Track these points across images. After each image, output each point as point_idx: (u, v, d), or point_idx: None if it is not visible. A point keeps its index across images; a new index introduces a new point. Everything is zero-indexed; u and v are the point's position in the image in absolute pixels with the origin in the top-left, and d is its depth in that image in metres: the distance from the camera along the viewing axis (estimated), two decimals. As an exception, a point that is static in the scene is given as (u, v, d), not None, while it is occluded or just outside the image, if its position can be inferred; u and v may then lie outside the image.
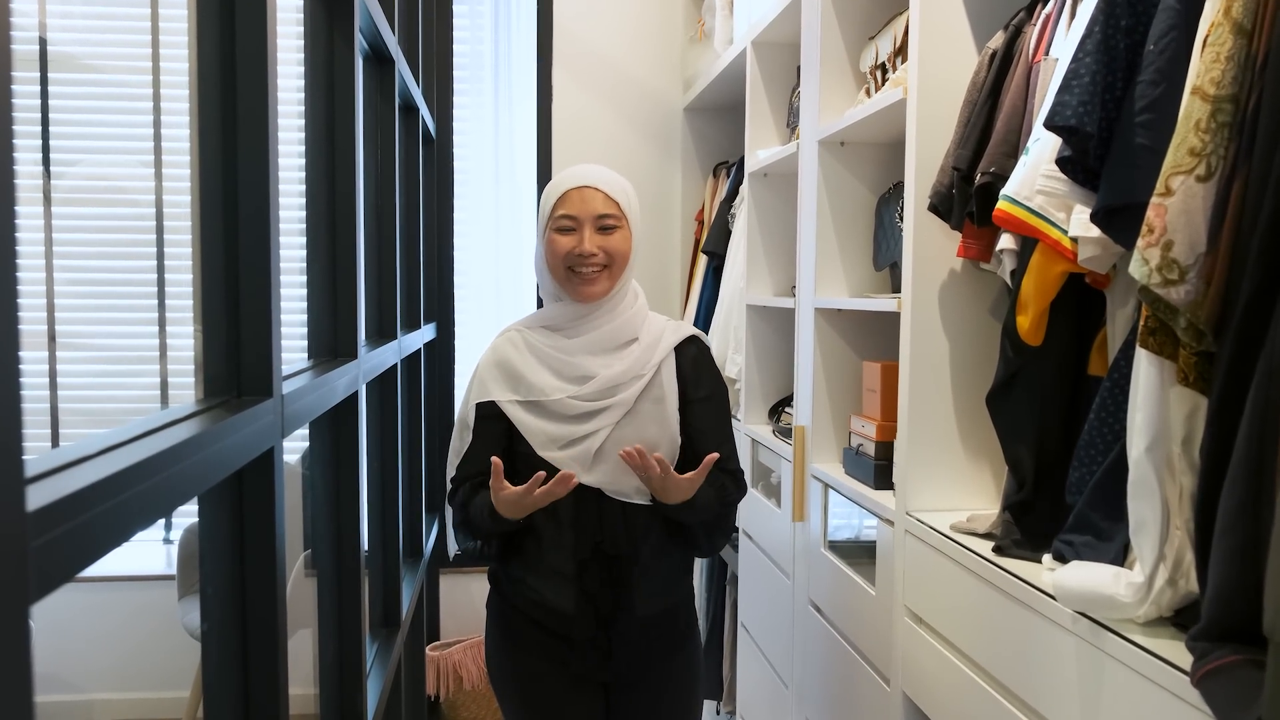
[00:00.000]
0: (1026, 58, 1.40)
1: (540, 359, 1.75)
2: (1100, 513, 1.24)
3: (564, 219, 1.73)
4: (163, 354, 3.58)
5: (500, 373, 1.76)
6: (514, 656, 1.80)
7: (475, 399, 1.77)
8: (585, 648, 1.74)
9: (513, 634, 1.80)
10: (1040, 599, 1.25)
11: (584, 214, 1.72)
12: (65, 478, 0.67)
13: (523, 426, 1.71)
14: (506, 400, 1.73)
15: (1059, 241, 1.25)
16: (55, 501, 0.61)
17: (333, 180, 1.76)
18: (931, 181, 1.60)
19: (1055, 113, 1.12)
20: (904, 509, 1.67)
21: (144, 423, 0.90)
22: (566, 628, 1.73)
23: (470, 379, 1.84)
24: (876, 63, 1.95)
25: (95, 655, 3.38)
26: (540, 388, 1.72)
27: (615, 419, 1.70)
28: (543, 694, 1.77)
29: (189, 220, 1.10)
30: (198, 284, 1.14)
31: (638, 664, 1.78)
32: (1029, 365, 1.35)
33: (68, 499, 0.62)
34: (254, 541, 1.15)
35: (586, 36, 3.55)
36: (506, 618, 1.82)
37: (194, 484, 0.88)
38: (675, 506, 1.67)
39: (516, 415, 1.71)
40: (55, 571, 0.61)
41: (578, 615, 1.72)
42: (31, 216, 3.32)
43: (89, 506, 0.66)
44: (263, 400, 1.13)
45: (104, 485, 0.68)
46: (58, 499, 0.61)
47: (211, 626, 1.09)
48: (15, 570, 0.55)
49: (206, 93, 1.10)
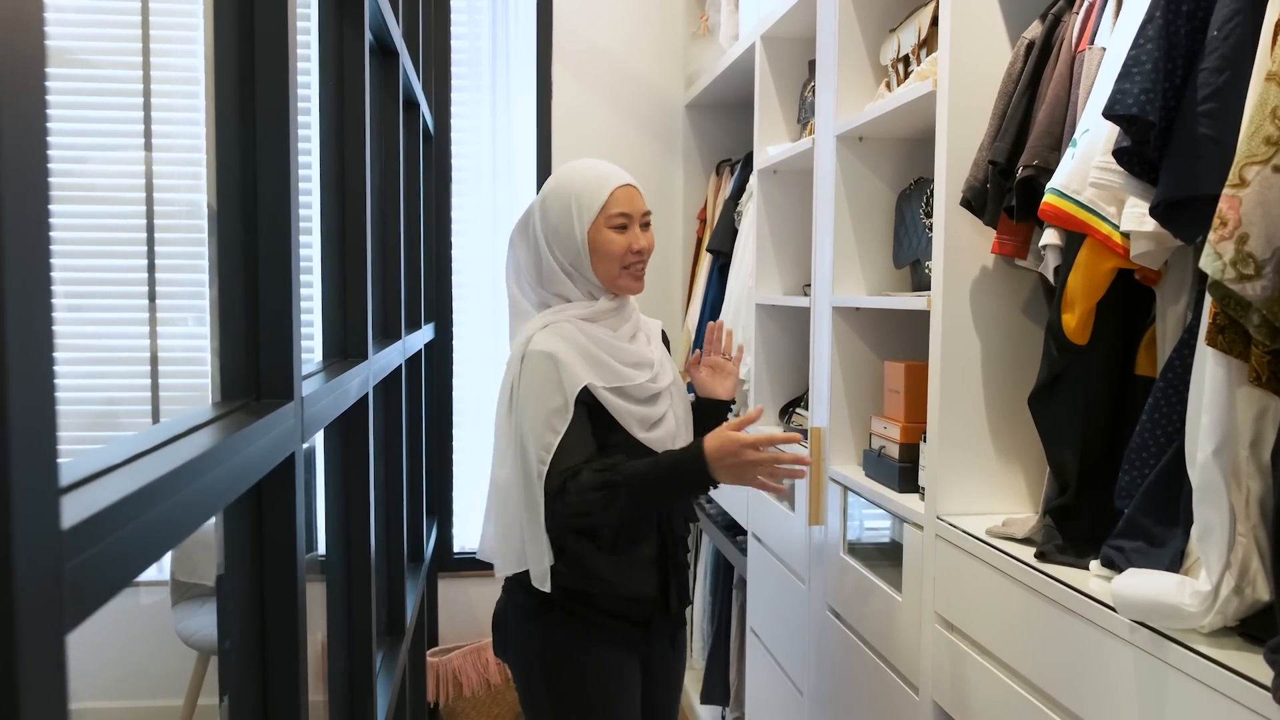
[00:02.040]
0: (1069, 47, 1.35)
1: (602, 347, 1.71)
2: (1152, 518, 1.20)
3: (620, 216, 1.72)
4: (154, 356, 3.50)
5: (582, 359, 1.67)
6: (586, 654, 1.72)
7: (570, 385, 1.63)
8: (663, 628, 1.78)
9: (581, 630, 1.71)
10: (1091, 607, 1.21)
11: (634, 212, 1.73)
12: (97, 488, 0.62)
13: (617, 411, 1.67)
14: (600, 386, 1.67)
15: (1109, 236, 1.20)
16: (93, 515, 0.55)
17: (343, 176, 1.70)
18: (962, 176, 1.56)
19: (1116, 101, 1.08)
20: (934, 513, 1.63)
21: (168, 427, 0.84)
22: (647, 613, 1.74)
23: (532, 372, 1.66)
24: (898, 55, 1.90)
25: (87, 663, 3.30)
26: (621, 373, 1.70)
27: (671, 398, 1.78)
28: (625, 686, 1.74)
29: (176, 218, 1.05)
30: (214, 280, 1.09)
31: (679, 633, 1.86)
32: (1074, 365, 1.31)
33: (104, 512, 0.57)
34: (274, 552, 1.09)
35: (586, 32, 3.50)
36: (570, 613, 1.71)
37: (222, 493, 0.83)
38: (716, 403, 1.88)
39: (610, 400, 1.67)
40: (89, 597, 0.56)
41: (659, 596, 1.75)
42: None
43: (124, 521, 0.60)
44: (283, 403, 1.07)
45: (138, 497, 0.62)
46: (95, 512, 0.55)
47: (232, 642, 1.03)
48: (50, 594, 0.49)
49: (224, 88, 1.05)
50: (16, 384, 0.44)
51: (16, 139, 0.44)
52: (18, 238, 0.44)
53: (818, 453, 2.16)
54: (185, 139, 3.35)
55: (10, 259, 0.43)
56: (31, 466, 0.46)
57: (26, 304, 0.45)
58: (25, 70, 0.45)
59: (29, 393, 0.46)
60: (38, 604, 0.47)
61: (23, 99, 0.45)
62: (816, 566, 2.18)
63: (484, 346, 3.62)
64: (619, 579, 1.70)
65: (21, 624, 0.46)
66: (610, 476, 1.57)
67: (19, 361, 0.44)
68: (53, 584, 0.50)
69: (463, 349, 3.60)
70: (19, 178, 0.45)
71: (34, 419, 0.47)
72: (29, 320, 0.46)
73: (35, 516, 0.47)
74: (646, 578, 1.73)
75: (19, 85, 0.45)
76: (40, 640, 0.48)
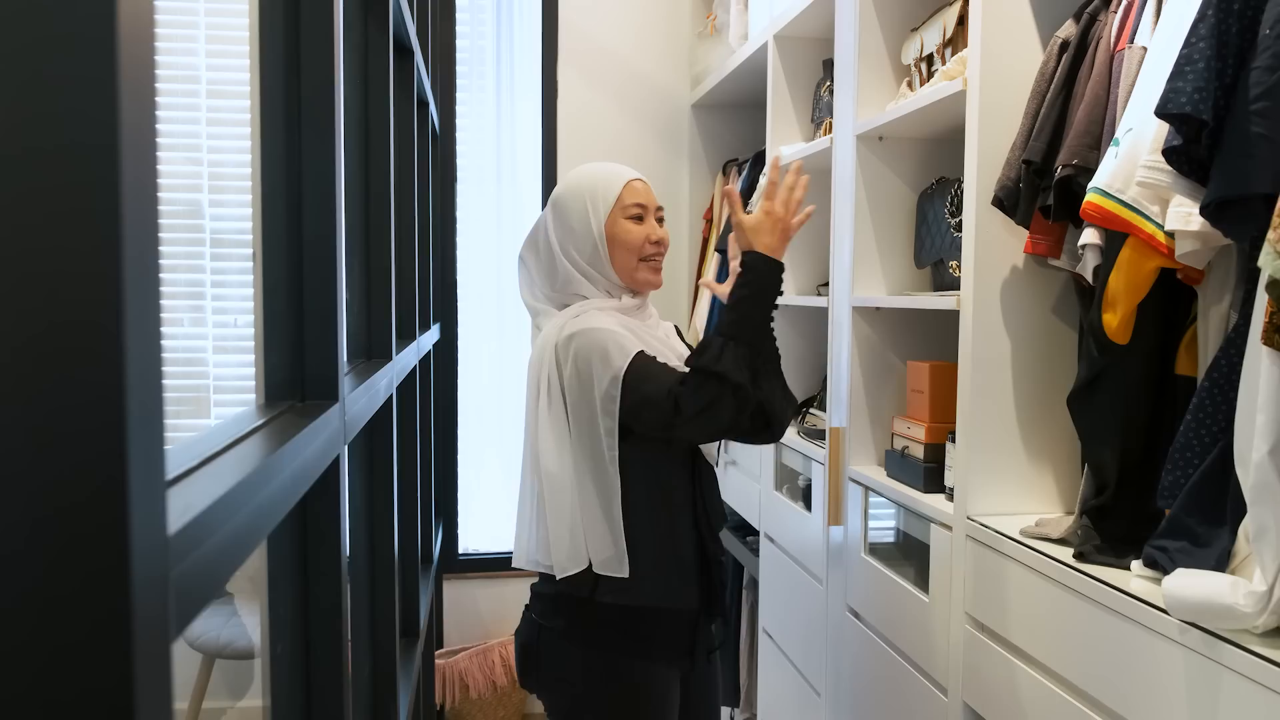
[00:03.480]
0: (1108, 46, 1.35)
1: (636, 334, 1.64)
2: (1196, 518, 1.19)
3: (635, 206, 1.70)
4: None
5: (633, 335, 1.61)
6: (636, 676, 1.65)
7: (623, 351, 1.56)
8: (707, 634, 1.74)
9: (630, 646, 1.64)
10: (1136, 607, 1.20)
11: (649, 204, 1.72)
12: (187, 491, 0.60)
13: None
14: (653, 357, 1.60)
15: (1153, 236, 1.20)
16: (195, 518, 0.53)
17: (367, 175, 1.69)
18: (992, 176, 1.55)
19: (1168, 100, 1.07)
20: (964, 513, 1.62)
21: (226, 429, 0.83)
22: (693, 619, 1.70)
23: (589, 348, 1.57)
24: (921, 55, 1.90)
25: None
26: (667, 356, 1.64)
27: None
28: (671, 707, 1.69)
29: (175, 218, 1.04)
30: (258, 280, 1.07)
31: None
32: (1114, 364, 1.30)
33: (203, 515, 0.55)
34: (319, 557, 1.08)
35: (593, 32, 3.49)
36: (617, 629, 1.64)
37: (288, 496, 0.81)
38: (770, 264, 1.59)
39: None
40: (189, 606, 0.54)
41: (713, 596, 1.71)
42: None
43: (218, 524, 0.59)
44: (329, 405, 1.06)
45: (229, 499, 0.61)
46: (196, 514, 0.54)
47: (281, 649, 1.02)
48: (158, 604, 0.48)
49: (270, 87, 1.04)
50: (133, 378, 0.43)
51: (134, 144, 0.43)
52: (136, 229, 0.43)
53: (836, 453, 2.15)
54: (184, 138, 3.33)
55: (130, 242, 0.42)
56: (144, 463, 0.45)
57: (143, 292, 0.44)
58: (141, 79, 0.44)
59: (144, 388, 0.45)
60: (149, 615, 0.46)
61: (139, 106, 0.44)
62: (835, 567, 2.17)
63: (486, 348, 3.61)
64: (659, 582, 1.64)
65: (137, 635, 0.44)
66: (707, 343, 1.50)
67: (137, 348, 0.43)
68: (160, 592, 0.48)
69: (467, 350, 3.58)
70: (136, 181, 0.44)
71: (147, 411, 0.45)
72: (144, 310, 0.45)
73: (147, 518, 0.46)
74: (688, 588, 1.67)
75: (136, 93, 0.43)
76: (151, 652, 0.46)
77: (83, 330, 0.42)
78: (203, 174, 3.35)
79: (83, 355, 0.42)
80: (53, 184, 0.40)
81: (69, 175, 0.41)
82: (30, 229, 0.40)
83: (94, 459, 0.42)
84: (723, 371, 1.46)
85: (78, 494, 0.41)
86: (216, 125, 3.31)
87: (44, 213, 0.40)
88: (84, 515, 0.42)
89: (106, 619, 0.43)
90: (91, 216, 0.41)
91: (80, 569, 0.42)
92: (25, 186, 0.40)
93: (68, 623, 0.42)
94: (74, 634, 0.42)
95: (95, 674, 0.42)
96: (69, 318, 0.41)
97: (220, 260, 3.31)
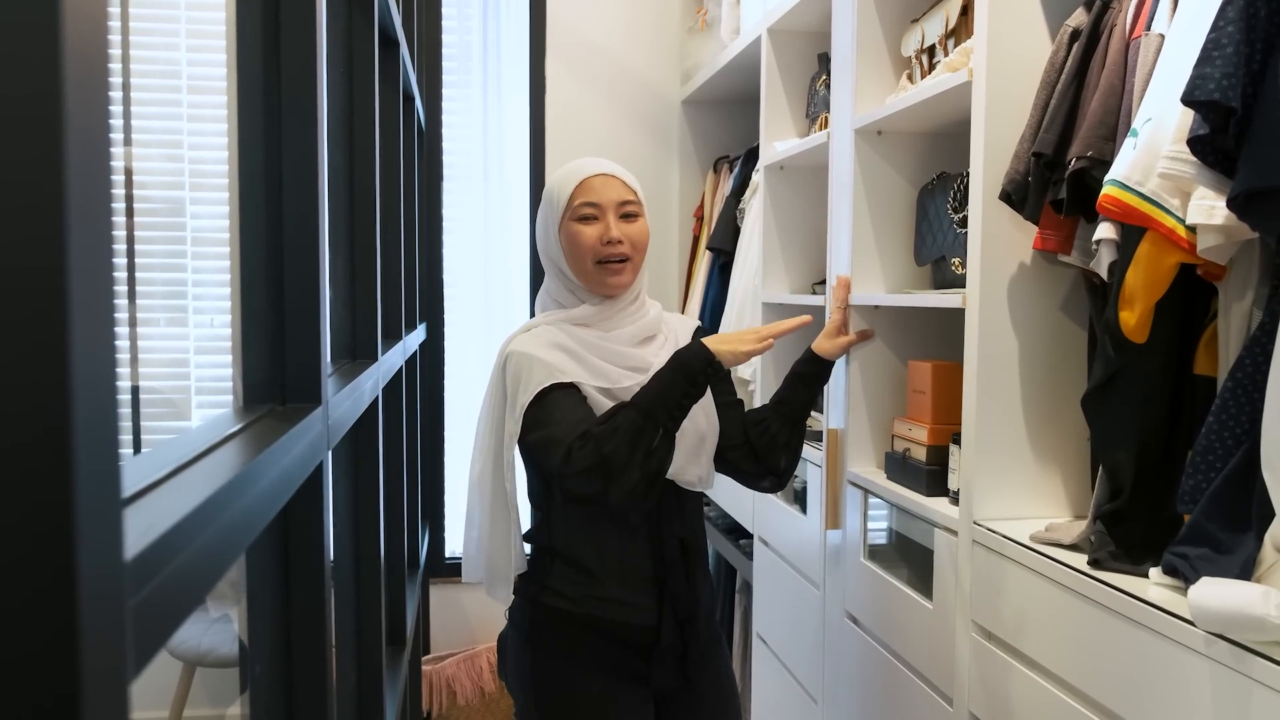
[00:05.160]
0: (1123, 34, 1.30)
1: (588, 347, 1.60)
2: (1219, 523, 1.15)
3: (586, 206, 1.61)
4: (134, 358, 3.39)
5: (563, 356, 1.57)
6: (579, 681, 1.61)
7: (550, 380, 1.54)
8: (667, 656, 1.62)
9: (573, 656, 1.61)
10: (1157, 616, 1.16)
11: (606, 200, 1.62)
12: (150, 505, 0.54)
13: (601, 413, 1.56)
14: (585, 384, 1.56)
15: (1174, 230, 1.15)
16: (157, 540, 0.47)
17: (351, 170, 1.63)
18: (999, 169, 1.51)
19: (1195, 87, 1.02)
20: (970, 518, 1.57)
21: (202, 435, 0.77)
22: (649, 639, 1.61)
23: (508, 373, 1.59)
24: (923, 46, 1.85)
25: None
26: (606, 374, 1.58)
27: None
28: (621, 716, 1.61)
29: (155, 215, 0.98)
30: (236, 276, 1.01)
31: (698, 664, 1.68)
32: (1131, 364, 1.25)
33: (166, 536, 0.49)
34: (302, 565, 1.02)
35: (581, 26, 3.43)
36: (562, 638, 1.62)
37: (268, 506, 0.75)
38: (822, 370, 1.81)
39: (596, 400, 1.56)
40: (148, 641, 0.48)
41: (663, 621, 1.61)
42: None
43: (183, 544, 0.52)
44: (311, 408, 1.00)
45: (197, 515, 0.55)
46: (158, 536, 0.48)
47: (260, 670, 0.96)
48: (113, 641, 0.42)
49: (247, 80, 0.98)
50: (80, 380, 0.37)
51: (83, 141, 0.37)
52: (84, 228, 0.37)
53: (834, 456, 2.10)
54: (164, 134, 3.25)
55: (76, 242, 0.36)
56: (95, 478, 0.39)
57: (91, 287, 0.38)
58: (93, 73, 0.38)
59: (94, 391, 0.39)
60: (101, 655, 0.40)
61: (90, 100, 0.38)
62: (833, 571, 2.12)
63: (473, 348, 3.54)
64: (611, 596, 1.59)
65: (86, 681, 0.38)
66: (613, 422, 1.46)
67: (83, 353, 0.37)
68: (115, 626, 0.42)
69: (452, 350, 3.52)
70: (84, 167, 0.38)
71: (98, 419, 0.39)
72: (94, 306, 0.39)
73: (98, 541, 0.40)
74: (643, 598, 1.60)
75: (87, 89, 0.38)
76: (104, 699, 0.40)
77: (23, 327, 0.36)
78: (184, 170, 3.28)
79: (23, 356, 0.36)
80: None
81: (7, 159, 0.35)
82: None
83: (34, 475, 0.36)
84: (609, 452, 1.42)
85: (12, 515, 0.35)
86: (197, 121, 3.23)
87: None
88: (20, 540, 0.36)
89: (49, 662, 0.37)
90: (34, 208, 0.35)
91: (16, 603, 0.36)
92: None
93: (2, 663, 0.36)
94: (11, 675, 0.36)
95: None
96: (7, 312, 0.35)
97: (200, 259, 3.24)
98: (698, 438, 1.65)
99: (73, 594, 0.37)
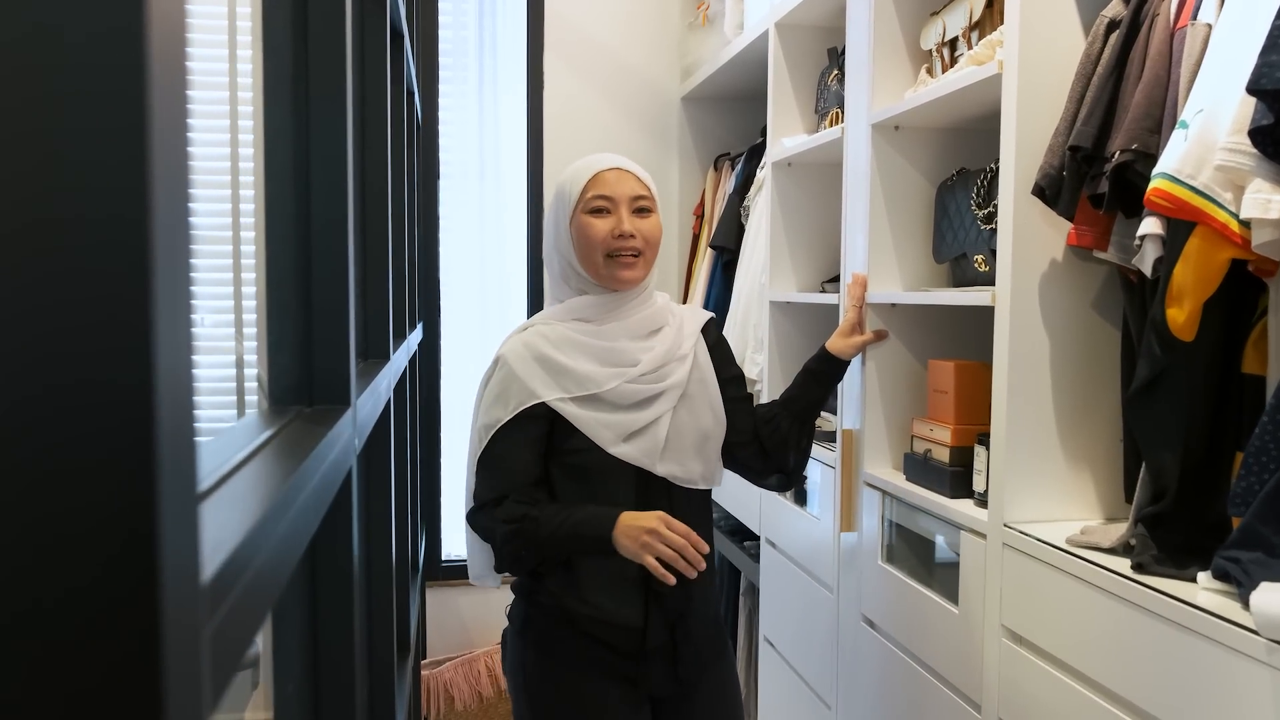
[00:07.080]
0: (1167, 24, 1.27)
1: (579, 349, 1.58)
2: (1273, 526, 1.12)
3: (598, 199, 1.59)
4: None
5: (540, 369, 1.56)
6: (568, 681, 1.59)
7: (517, 402, 1.55)
8: (655, 659, 1.59)
9: (563, 655, 1.60)
10: (1210, 622, 1.12)
11: (619, 195, 1.60)
12: (215, 512, 0.50)
13: (582, 424, 1.53)
14: (557, 399, 1.54)
15: (1226, 225, 1.12)
16: (230, 556, 0.43)
17: (364, 167, 1.58)
18: (1031, 163, 1.47)
19: (1261, 74, 0.99)
20: (1000, 520, 1.54)
21: (237, 439, 0.72)
22: (636, 640, 1.57)
23: (491, 381, 1.62)
24: (944, 39, 1.82)
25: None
26: (591, 378, 1.55)
27: (673, 402, 1.60)
28: (606, 716, 1.59)
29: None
30: (260, 274, 0.97)
31: (695, 668, 1.64)
32: (1178, 363, 1.22)
33: (239, 550, 0.44)
34: (331, 569, 0.97)
35: (580, 22, 3.38)
36: (552, 636, 1.61)
37: (313, 515, 0.71)
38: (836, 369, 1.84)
39: (572, 413, 1.53)
40: (222, 671, 0.43)
41: (649, 623, 1.57)
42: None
43: (252, 558, 0.48)
44: (341, 410, 0.95)
45: (262, 526, 0.50)
46: (231, 551, 0.43)
47: (292, 689, 0.91)
48: (191, 675, 0.37)
49: (274, 77, 0.93)
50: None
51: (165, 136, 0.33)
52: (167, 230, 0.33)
53: (849, 457, 2.06)
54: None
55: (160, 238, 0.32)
56: (176, 478, 0.34)
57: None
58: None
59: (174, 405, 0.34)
60: (182, 688, 0.36)
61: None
62: (847, 574, 2.08)
63: (469, 348, 3.49)
64: (597, 597, 1.57)
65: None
66: (527, 511, 1.52)
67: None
68: (193, 659, 0.38)
69: (449, 350, 3.46)
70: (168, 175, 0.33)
71: (178, 417, 0.35)
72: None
73: (179, 555, 0.35)
74: (631, 598, 1.58)
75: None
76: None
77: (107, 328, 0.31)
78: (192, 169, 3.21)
79: (105, 355, 0.31)
80: (72, 160, 0.30)
81: (91, 152, 0.31)
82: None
83: (115, 478, 0.32)
84: (498, 538, 1.54)
85: (87, 522, 0.31)
86: (199, 119, 3.16)
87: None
88: (94, 551, 0.31)
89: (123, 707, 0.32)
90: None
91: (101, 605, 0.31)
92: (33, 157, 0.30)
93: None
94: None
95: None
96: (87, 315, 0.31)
97: (198, 259, 3.17)
98: (701, 435, 1.62)
99: (156, 621, 0.32)
